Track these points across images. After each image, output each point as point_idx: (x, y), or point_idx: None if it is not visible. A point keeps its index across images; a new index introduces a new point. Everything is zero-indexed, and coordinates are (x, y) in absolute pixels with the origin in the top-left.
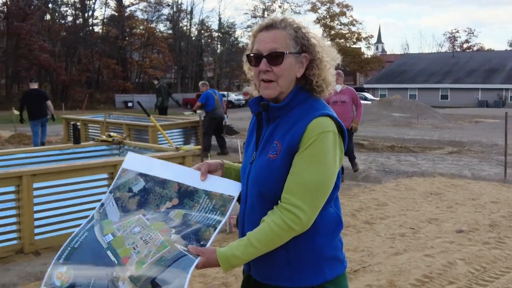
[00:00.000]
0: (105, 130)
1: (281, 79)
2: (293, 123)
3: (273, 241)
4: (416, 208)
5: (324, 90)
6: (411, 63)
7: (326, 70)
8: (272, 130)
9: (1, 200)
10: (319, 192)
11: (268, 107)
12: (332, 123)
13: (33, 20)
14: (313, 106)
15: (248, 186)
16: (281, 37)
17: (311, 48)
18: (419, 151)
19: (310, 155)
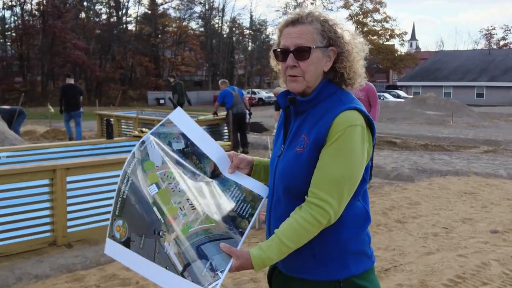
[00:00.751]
0: (137, 126)
1: (307, 74)
2: (320, 117)
3: (303, 236)
4: (450, 207)
5: (354, 82)
6: (446, 60)
7: (355, 62)
8: (299, 124)
9: (36, 193)
10: (346, 185)
11: (295, 100)
12: (359, 117)
13: (68, 18)
14: (340, 100)
15: (275, 179)
16: (307, 32)
17: (338, 41)
18: (454, 149)
19: (337, 149)
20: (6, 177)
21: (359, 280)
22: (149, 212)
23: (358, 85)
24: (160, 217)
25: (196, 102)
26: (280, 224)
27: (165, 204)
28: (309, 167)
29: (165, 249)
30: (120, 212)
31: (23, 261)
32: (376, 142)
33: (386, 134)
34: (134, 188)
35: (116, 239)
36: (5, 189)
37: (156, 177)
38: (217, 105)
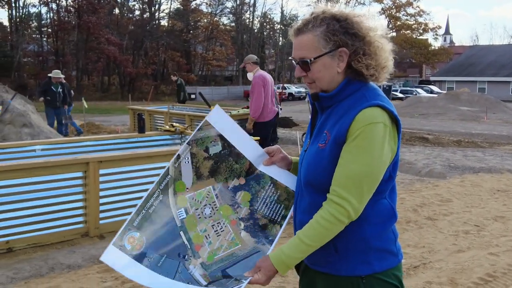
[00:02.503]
0: (168, 121)
1: (318, 81)
2: (342, 114)
3: (323, 235)
4: (482, 205)
5: (378, 76)
6: (480, 55)
7: (376, 56)
8: (324, 120)
9: (69, 185)
10: (365, 183)
11: (318, 96)
12: (382, 114)
13: (102, 14)
14: (364, 96)
15: (301, 174)
16: (308, 41)
17: (349, 39)
18: (487, 146)
19: (357, 146)
20: (41, 169)
21: (383, 277)
22: (175, 236)
23: (384, 78)
24: (186, 243)
25: (226, 97)
26: (304, 218)
27: (191, 231)
28: (330, 163)
29: (190, 271)
30: (140, 225)
31: (56, 251)
32: (408, 138)
33: (418, 130)
34: (163, 206)
35: (124, 249)
36: (40, 181)
37: (185, 200)
38: None
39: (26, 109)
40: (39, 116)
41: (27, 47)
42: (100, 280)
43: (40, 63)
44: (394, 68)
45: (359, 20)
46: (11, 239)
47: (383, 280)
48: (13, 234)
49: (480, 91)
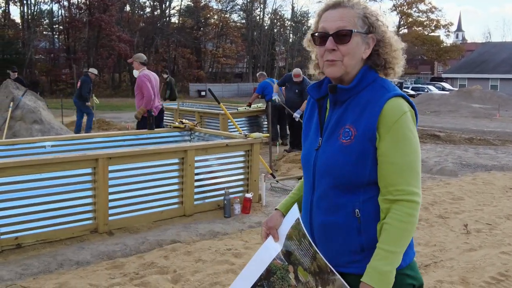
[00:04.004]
0: (178, 117)
1: (347, 58)
2: (365, 106)
3: (405, 237)
4: (494, 203)
5: (394, 69)
6: (493, 52)
7: (394, 50)
8: (341, 114)
9: (78, 182)
10: (418, 169)
11: (336, 89)
12: (406, 103)
13: (113, 12)
14: (383, 87)
15: (316, 174)
16: (349, 15)
17: (378, 28)
18: (499, 144)
19: (397, 139)
20: (50, 165)
21: (407, 271)
22: None
23: (397, 74)
24: None
25: (236, 94)
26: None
27: None
28: (359, 158)
29: None
30: None
31: (65, 248)
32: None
33: (430, 128)
34: None
35: None
36: (49, 177)
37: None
38: (255, 95)
39: (36, 105)
40: (50, 113)
41: (38, 44)
42: (108, 277)
43: (51, 60)
44: (405, 64)
45: (380, 14)
46: (20, 235)
47: (407, 274)
48: (22, 230)
49: (493, 88)
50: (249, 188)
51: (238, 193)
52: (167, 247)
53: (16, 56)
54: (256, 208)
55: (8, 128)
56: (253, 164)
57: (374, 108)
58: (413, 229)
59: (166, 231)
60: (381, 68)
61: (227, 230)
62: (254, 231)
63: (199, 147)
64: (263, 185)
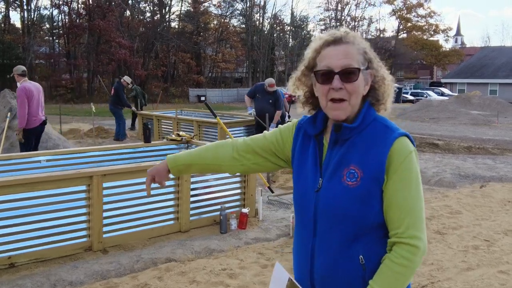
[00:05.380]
0: (176, 126)
1: (353, 97)
2: (370, 145)
3: (402, 282)
4: (492, 217)
5: (385, 105)
6: (492, 56)
7: (387, 84)
8: (343, 154)
9: (73, 199)
10: (423, 213)
11: (342, 128)
12: (410, 142)
13: (113, 17)
14: (386, 126)
15: (318, 218)
16: (353, 52)
17: (374, 63)
18: (498, 153)
19: (404, 180)
20: (43, 183)
21: None
22: None
23: (387, 110)
24: None
25: (236, 99)
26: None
27: None
28: (366, 200)
29: None
30: None
31: (59, 267)
32: (418, 144)
33: (429, 136)
34: None
35: None
36: (42, 195)
37: None
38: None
39: None
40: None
41: (38, 49)
42: None
43: (51, 65)
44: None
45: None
46: (13, 254)
47: None
48: (15, 249)
49: (492, 93)
50: (246, 203)
51: (235, 208)
52: (161, 266)
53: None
54: (252, 223)
55: (5, 139)
56: (249, 178)
57: (382, 148)
58: (409, 274)
59: (161, 249)
60: (377, 103)
61: (223, 247)
62: (250, 248)
63: None
64: (259, 199)
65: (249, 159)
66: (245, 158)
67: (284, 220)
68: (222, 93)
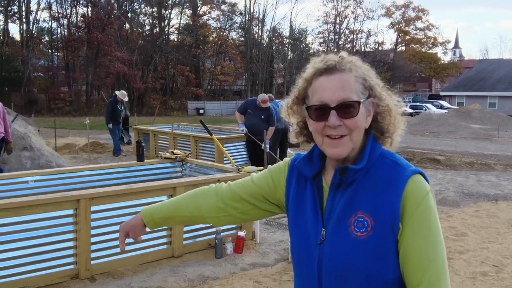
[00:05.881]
0: (173, 141)
1: (354, 133)
2: (379, 188)
3: None
4: (499, 240)
5: (392, 138)
6: (491, 69)
7: (393, 115)
8: (349, 199)
9: (59, 224)
10: (446, 263)
11: (347, 171)
12: (425, 181)
13: (112, 30)
14: (395, 163)
15: (323, 276)
16: (350, 81)
17: (375, 90)
18: (501, 169)
19: (422, 226)
20: (29, 208)
21: None
22: None
23: (393, 143)
24: None
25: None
26: None
27: None
28: (380, 253)
29: None
30: None
31: None
32: (419, 160)
33: (430, 151)
34: None
35: None
36: (27, 220)
37: None
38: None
39: (27, 131)
40: (41, 138)
41: (37, 62)
42: None
43: (50, 78)
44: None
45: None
46: None
47: None
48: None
49: (491, 106)
50: (242, 225)
51: (231, 231)
52: None
53: (14, 74)
54: (249, 247)
55: None
56: None
57: (394, 190)
58: None
59: (152, 276)
60: (382, 137)
61: (217, 274)
62: (246, 275)
63: (189, 183)
64: (257, 221)
65: (236, 208)
66: (231, 207)
67: (283, 243)
68: (221, 105)
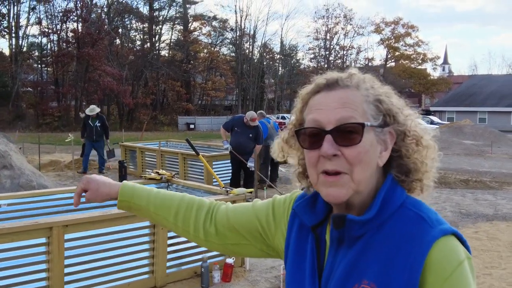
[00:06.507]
0: (160, 159)
1: (357, 169)
2: (395, 251)
3: None
4: (502, 265)
5: (423, 182)
6: (480, 85)
7: (424, 149)
8: (353, 260)
9: (30, 254)
10: None
11: (345, 221)
12: (460, 245)
13: (102, 46)
14: (419, 217)
15: None
16: (355, 99)
17: (397, 117)
18: (497, 187)
19: None
20: None
21: None
22: None
23: (425, 190)
24: None
25: None
26: None
27: None
28: None
29: None
30: None
31: None
32: None
33: None
34: None
35: None
36: None
37: None
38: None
39: (7, 149)
40: (22, 156)
41: (26, 77)
42: None
43: (39, 93)
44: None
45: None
46: None
47: None
48: None
49: (481, 121)
50: None
51: (218, 257)
52: None
53: (2, 89)
54: (238, 275)
55: None
56: None
57: (413, 256)
58: None
59: None
60: (406, 179)
61: None
62: None
63: None
64: None
65: (228, 238)
66: (222, 235)
67: (274, 270)
68: (211, 120)
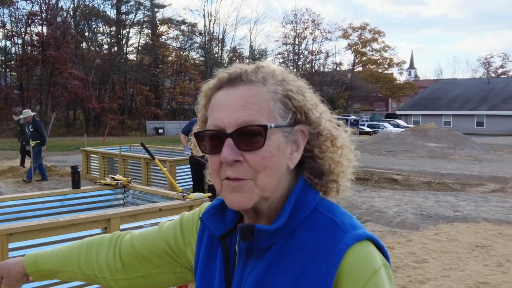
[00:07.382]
0: (122, 164)
1: (263, 175)
2: (305, 261)
3: None
4: (461, 266)
5: (338, 183)
6: (445, 89)
7: (338, 148)
8: (262, 273)
9: None
10: None
11: (254, 232)
12: (376, 251)
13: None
14: (333, 222)
15: None
16: (259, 97)
17: (310, 114)
18: (459, 188)
19: None
20: None
21: None
22: None
23: (340, 192)
24: None
25: None
26: None
27: None
28: None
29: None
30: None
31: None
32: (377, 180)
33: (387, 170)
34: None
35: None
36: None
37: None
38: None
39: None
40: None
41: None
42: None
43: (3, 98)
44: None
45: (307, 88)
46: None
47: None
48: None
49: (446, 125)
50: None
51: None
52: None
53: None
54: None
55: None
56: None
57: (325, 265)
58: None
59: None
60: (319, 181)
61: None
62: None
63: (125, 214)
64: None
65: (137, 270)
66: (131, 268)
67: None
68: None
